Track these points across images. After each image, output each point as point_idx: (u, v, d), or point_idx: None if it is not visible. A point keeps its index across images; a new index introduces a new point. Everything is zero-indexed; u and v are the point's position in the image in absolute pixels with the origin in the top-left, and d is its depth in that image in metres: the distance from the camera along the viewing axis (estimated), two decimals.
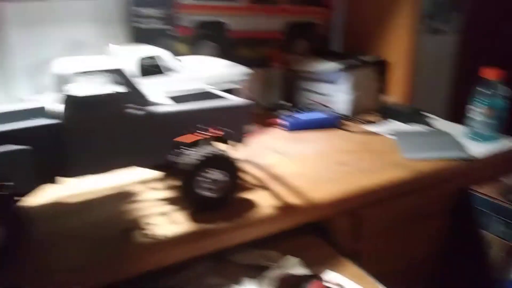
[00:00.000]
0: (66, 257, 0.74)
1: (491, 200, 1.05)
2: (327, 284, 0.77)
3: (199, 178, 0.84)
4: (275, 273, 0.81)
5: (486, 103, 1.19)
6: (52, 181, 0.78)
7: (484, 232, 1.08)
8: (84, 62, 0.81)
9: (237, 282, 0.81)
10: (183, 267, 0.84)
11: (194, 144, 0.93)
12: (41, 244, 0.77)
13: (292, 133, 1.39)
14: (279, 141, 1.32)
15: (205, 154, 0.83)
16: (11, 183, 0.70)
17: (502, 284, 1.06)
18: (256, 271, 0.84)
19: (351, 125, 1.44)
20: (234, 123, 0.90)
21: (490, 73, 1.18)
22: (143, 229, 0.81)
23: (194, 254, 0.82)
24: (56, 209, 0.92)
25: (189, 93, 1.02)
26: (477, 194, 1.09)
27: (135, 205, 0.92)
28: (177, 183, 0.85)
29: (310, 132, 1.38)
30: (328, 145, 1.25)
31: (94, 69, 0.79)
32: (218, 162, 0.85)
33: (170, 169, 1.01)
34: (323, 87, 1.58)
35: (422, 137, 1.22)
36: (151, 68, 1.22)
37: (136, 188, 1.00)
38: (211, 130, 0.95)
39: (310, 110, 1.51)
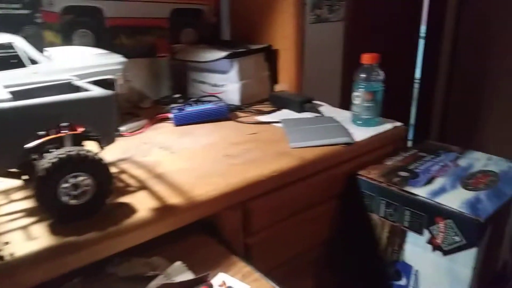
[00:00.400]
0: None
1: (376, 183, 1.09)
2: (218, 287, 0.72)
3: (59, 183, 0.72)
4: (159, 283, 0.73)
5: (364, 88, 1.23)
6: None
7: (372, 214, 1.11)
8: None
9: None
10: (54, 284, 0.72)
11: (57, 144, 0.81)
12: None
13: (180, 127, 1.31)
14: (166, 136, 1.23)
15: (62, 156, 0.71)
16: None
17: (392, 265, 1.11)
18: (139, 283, 0.76)
19: (242, 115, 1.41)
20: (100, 118, 0.79)
21: (366, 58, 1.21)
22: None
23: (59, 272, 0.70)
24: None
25: (48, 85, 0.89)
26: (363, 178, 1.12)
27: None
28: (32, 185, 0.72)
29: (199, 125, 1.32)
30: (217, 138, 1.19)
31: None
32: (81, 164, 0.73)
33: (30, 175, 0.88)
34: (213, 77, 1.52)
35: (307, 125, 1.22)
36: (10, 59, 1.05)
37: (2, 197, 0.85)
38: (71, 127, 0.83)
39: (202, 102, 1.43)
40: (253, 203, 0.94)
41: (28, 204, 0.83)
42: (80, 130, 0.85)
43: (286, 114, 1.40)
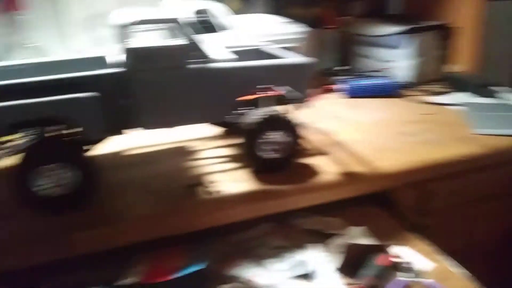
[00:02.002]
0: (132, 206, 0.74)
1: None
2: (393, 259, 0.73)
3: (262, 138, 0.81)
4: (340, 241, 0.77)
5: None
6: (118, 132, 0.76)
7: None
8: (143, 14, 0.77)
9: (300, 246, 0.79)
10: (245, 226, 0.82)
11: (255, 103, 0.89)
12: (108, 192, 0.77)
13: (348, 99, 1.33)
14: (338, 106, 1.26)
15: (269, 114, 0.80)
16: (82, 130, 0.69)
17: None
18: (318, 237, 0.81)
19: (412, 93, 1.36)
20: (296, 83, 0.84)
21: None
22: (206, 186, 0.79)
23: (256, 215, 0.80)
24: (121, 159, 0.92)
25: (245, 49, 0.98)
26: None
27: (197, 162, 0.90)
28: (239, 141, 0.82)
29: (368, 99, 1.31)
30: (389, 114, 1.18)
31: (153, 20, 0.75)
32: (281, 123, 0.81)
33: (230, 127, 0.99)
34: (383, 52, 1.49)
35: (493, 111, 1.13)
36: (204, 24, 1.17)
37: (197, 144, 0.99)
38: (272, 89, 0.91)
39: (368, 76, 1.43)
40: (433, 184, 0.92)
41: (229, 151, 0.95)
42: (275, 93, 0.92)
43: (459, 96, 1.32)
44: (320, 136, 1.03)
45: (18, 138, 0.73)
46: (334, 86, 1.39)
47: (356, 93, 1.32)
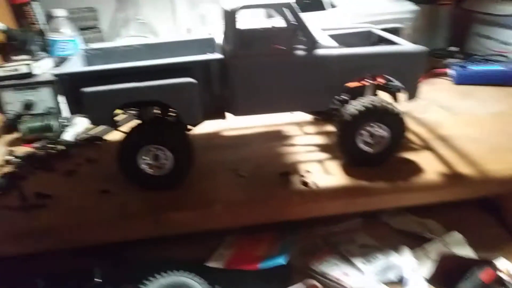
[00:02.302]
0: (225, 191, 0.76)
1: None
2: (501, 274, 0.66)
3: (359, 130, 0.77)
4: (438, 247, 0.72)
5: None
6: (218, 116, 0.77)
7: None
8: None
9: (391, 247, 0.75)
10: (333, 218, 0.80)
11: (358, 92, 0.85)
12: (202, 173, 0.80)
13: (459, 86, 1.20)
14: (445, 94, 1.15)
15: (368, 105, 0.75)
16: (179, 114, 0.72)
17: None
18: (412, 240, 0.77)
19: None
20: (406, 73, 0.77)
21: None
22: (299, 175, 0.78)
23: (349, 210, 0.77)
24: (213, 141, 0.94)
25: (350, 32, 0.92)
26: None
27: (288, 148, 0.89)
28: (334, 131, 0.79)
29: (482, 87, 1.18)
30: (507, 106, 1.05)
31: (265, 4, 0.73)
32: (382, 115, 0.75)
33: (326, 114, 0.96)
34: (505, 34, 1.31)
35: None
36: (309, 2, 1.13)
37: (288, 130, 0.98)
38: (378, 78, 0.85)
39: (484, 60, 1.27)
40: None
41: (321, 139, 0.92)
42: (381, 81, 0.87)
43: None
44: (421, 127, 0.95)
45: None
46: (443, 70, 1.27)
47: (466, 80, 1.19)
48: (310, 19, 0.92)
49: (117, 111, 0.74)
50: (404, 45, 0.78)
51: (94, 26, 1.31)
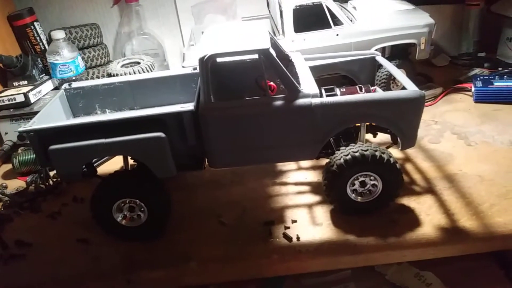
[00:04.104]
0: (203, 243, 0.72)
1: None
2: None
3: (348, 180, 0.70)
4: None
5: None
6: (196, 167, 0.73)
7: None
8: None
9: None
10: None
11: (350, 139, 0.78)
12: (183, 219, 0.77)
13: (481, 105, 1.08)
14: (461, 115, 1.03)
15: (357, 155, 0.68)
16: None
17: None
18: None
19: None
20: (401, 122, 0.70)
21: None
22: (284, 226, 0.73)
23: (330, 268, 0.71)
24: (205, 178, 0.90)
25: (351, 59, 0.85)
26: None
27: (280, 188, 0.84)
28: (323, 176, 0.72)
29: (509, 107, 1.05)
30: None
31: (238, 50, 0.66)
32: (373, 165, 0.68)
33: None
34: None
35: None
36: (313, 18, 1.04)
37: (285, 164, 0.91)
38: (372, 124, 0.77)
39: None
40: None
41: (315, 176, 0.86)
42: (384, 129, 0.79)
43: None
44: (429, 162, 0.86)
45: None
46: (465, 85, 1.15)
47: (491, 98, 1.06)
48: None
49: None
50: (398, 92, 0.70)
51: (99, 43, 1.28)
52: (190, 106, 0.66)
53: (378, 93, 0.71)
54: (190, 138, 0.68)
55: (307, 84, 0.69)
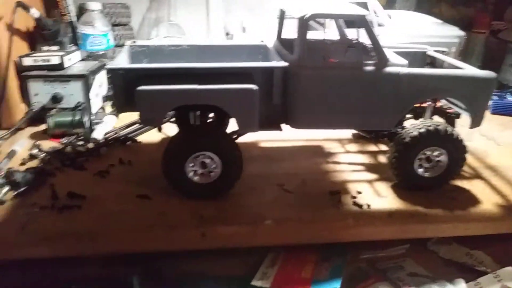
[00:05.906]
0: (273, 207, 0.71)
1: None
2: None
3: (417, 153, 0.73)
4: (492, 282, 0.67)
5: None
6: (274, 127, 0.73)
7: None
8: (321, 7, 0.72)
9: (442, 278, 0.70)
10: (377, 243, 0.76)
11: (419, 114, 0.81)
12: (246, 187, 0.75)
13: (497, 116, 1.17)
14: (484, 123, 1.11)
15: (431, 129, 0.71)
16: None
17: None
18: (461, 271, 0.72)
19: None
20: (475, 99, 0.74)
21: None
22: (351, 195, 0.74)
23: (400, 236, 0.73)
24: (255, 153, 0.89)
25: (404, 51, 0.89)
26: None
27: (335, 166, 0.85)
28: (385, 150, 0.75)
29: None
30: None
31: (339, 15, 0.70)
32: (443, 140, 0.72)
33: (376, 133, 0.93)
34: None
35: None
36: None
37: (333, 146, 0.93)
38: (441, 101, 0.82)
39: None
40: None
41: (365, 159, 0.88)
42: (440, 104, 0.84)
43: None
44: (472, 156, 0.91)
45: None
46: None
47: (506, 110, 1.16)
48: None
49: None
50: (474, 70, 0.75)
51: (126, 23, 1.27)
52: (283, 62, 0.67)
53: (457, 70, 0.75)
54: (276, 96, 0.68)
55: (394, 57, 0.73)
